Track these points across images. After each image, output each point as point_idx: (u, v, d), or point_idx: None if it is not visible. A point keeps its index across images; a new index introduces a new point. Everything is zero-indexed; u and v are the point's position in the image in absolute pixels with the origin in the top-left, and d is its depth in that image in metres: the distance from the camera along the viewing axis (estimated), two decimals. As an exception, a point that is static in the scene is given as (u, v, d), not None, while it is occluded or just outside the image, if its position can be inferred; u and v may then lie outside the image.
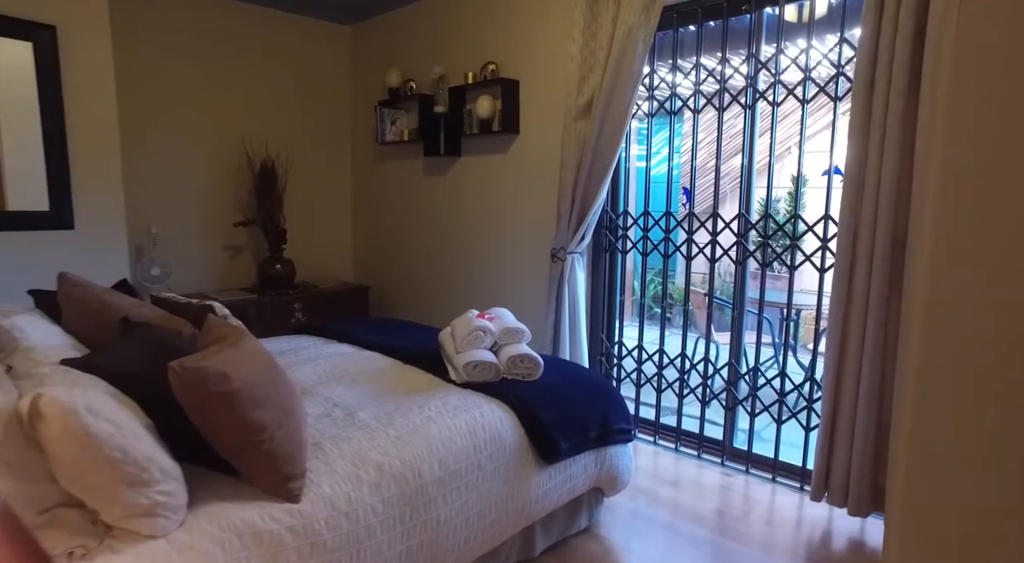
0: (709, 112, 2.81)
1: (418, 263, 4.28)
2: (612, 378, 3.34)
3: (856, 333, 2.24)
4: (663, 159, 5.33)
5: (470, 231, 3.89)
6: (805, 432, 2.62)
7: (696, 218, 2.89)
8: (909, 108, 2.06)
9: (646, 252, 3.10)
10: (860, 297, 2.22)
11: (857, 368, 2.25)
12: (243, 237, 4.14)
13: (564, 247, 3.13)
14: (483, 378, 2.11)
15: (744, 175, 2.71)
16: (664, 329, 3.11)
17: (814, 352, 2.59)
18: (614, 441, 2.17)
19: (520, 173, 3.54)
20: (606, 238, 3.24)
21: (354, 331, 2.74)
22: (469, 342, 2.17)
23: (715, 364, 2.91)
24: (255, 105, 4.11)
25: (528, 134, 3.48)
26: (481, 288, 3.87)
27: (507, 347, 2.19)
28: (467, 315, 2.33)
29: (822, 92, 2.49)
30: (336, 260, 4.72)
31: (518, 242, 3.60)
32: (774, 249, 2.65)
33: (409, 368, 2.31)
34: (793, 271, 2.60)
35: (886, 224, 2.13)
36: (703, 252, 2.89)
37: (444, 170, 4.00)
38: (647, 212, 3.06)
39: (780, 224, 2.62)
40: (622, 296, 3.29)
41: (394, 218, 4.42)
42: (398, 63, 4.14)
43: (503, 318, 2.32)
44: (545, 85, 3.33)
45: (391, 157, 4.36)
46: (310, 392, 2.02)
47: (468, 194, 3.87)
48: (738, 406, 2.87)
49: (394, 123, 4.19)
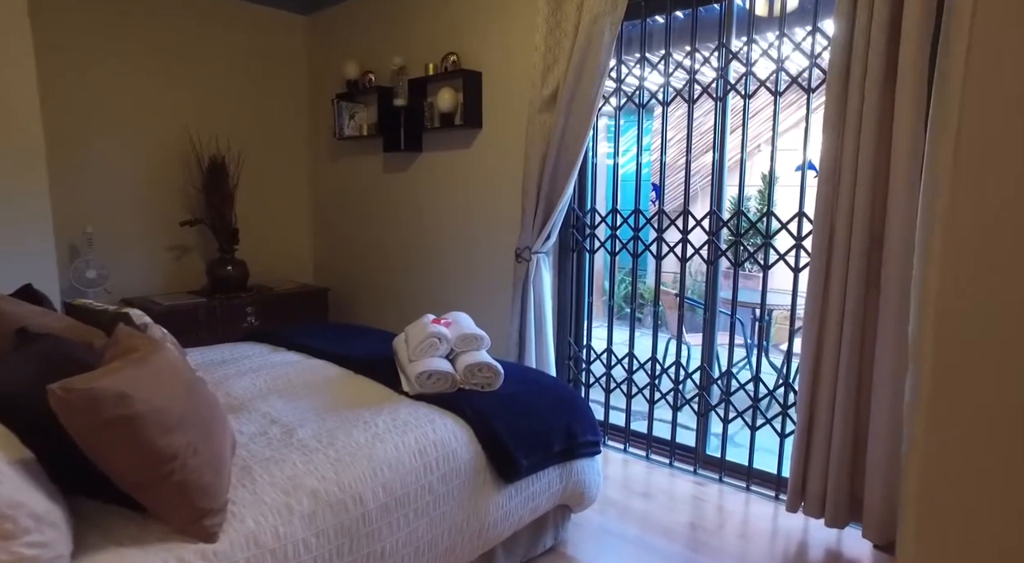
0: (679, 108, 2.69)
1: (379, 264, 4.09)
2: (580, 383, 3.21)
3: (832, 334, 2.13)
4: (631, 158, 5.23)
5: (432, 230, 3.72)
6: (780, 438, 2.51)
7: (666, 216, 2.76)
8: (886, 100, 1.96)
9: (615, 251, 2.97)
10: (836, 297, 2.11)
11: (833, 372, 2.14)
12: (192, 237, 3.90)
13: (529, 247, 2.98)
14: (438, 389, 1.94)
15: (715, 171, 2.60)
16: (634, 332, 2.99)
17: (788, 354, 2.48)
18: (581, 454, 2.03)
19: (484, 169, 3.38)
20: (573, 237, 3.10)
21: (304, 337, 2.55)
22: (423, 350, 2.00)
23: (687, 368, 2.79)
24: (203, 98, 3.87)
25: (492, 128, 3.32)
26: (443, 290, 3.70)
27: (464, 355, 2.03)
28: (422, 320, 2.16)
29: (795, 84, 2.38)
30: (294, 261, 4.50)
31: (482, 242, 3.44)
32: (747, 247, 2.54)
33: (359, 378, 2.14)
34: (766, 270, 2.49)
35: (863, 221, 2.03)
36: (673, 251, 2.77)
37: (405, 166, 3.82)
38: (615, 210, 2.93)
39: (753, 222, 2.50)
40: (590, 297, 3.15)
41: (354, 216, 4.22)
42: (356, 54, 3.95)
43: (461, 323, 2.16)
44: (509, 76, 3.18)
45: (350, 153, 4.16)
46: (246, 407, 1.83)
47: (429, 191, 3.70)
48: (710, 412, 2.76)
49: (353, 117, 3.99)
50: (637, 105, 2.83)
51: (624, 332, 5.79)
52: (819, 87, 2.29)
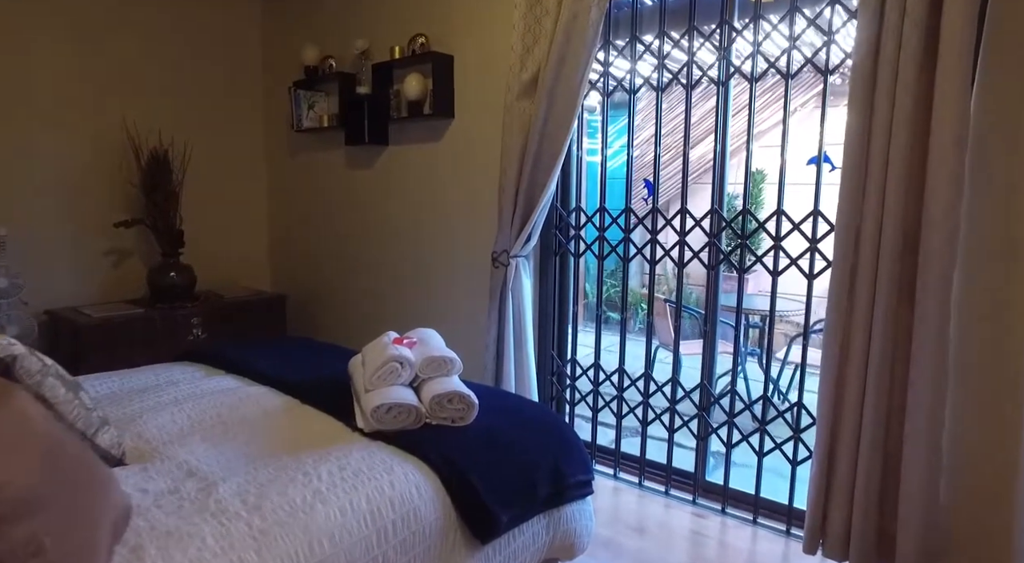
0: (672, 95, 2.39)
1: (342, 269, 3.73)
2: (565, 401, 2.89)
3: (858, 350, 1.85)
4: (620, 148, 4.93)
5: (399, 232, 3.37)
6: (791, 466, 2.23)
7: (661, 215, 2.46)
8: (924, 77, 1.67)
9: (602, 255, 2.66)
10: (863, 308, 1.83)
11: (859, 393, 1.86)
12: (131, 240, 3.50)
13: (507, 250, 2.65)
14: (399, 425, 1.61)
15: (717, 164, 2.30)
16: (624, 345, 2.68)
17: (802, 371, 2.20)
18: (571, 498, 1.71)
19: (456, 164, 3.05)
20: (556, 239, 2.78)
21: (247, 357, 2.20)
22: (382, 377, 1.67)
23: (684, 387, 2.49)
24: (142, 85, 3.47)
25: (465, 118, 2.99)
26: (413, 298, 3.36)
27: (431, 382, 1.70)
28: (382, 339, 1.82)
29: (810, 64, 2.09)
30: (250, 266, 4.11)
31: (455, 245, 3.10)
32: (753, 252, 2.25)
33: (307, 410, 1.79)
34: (776, 277, 2.21)
35: (895, 220, 1.75)
36: (669, 255, 2.47)
37: (369, 161, 3.47)
38: (603, 208, 2.62)
39: (761, 222, 2.21)
40: (575, 307, 2.84)
41: (315, 217, 3.85)
42: (316, 37, 3.58)
43: (428, 343, 1.83)
44: (484, 60, 2.85)
45: (310, 146, 3.79)
46: (159, 454, 1.47)
47: (397, 189, 3.35)
48: (711, 435, 2.47)
49: (312, 107, 3.62)
50: (628, 91, 2.52)
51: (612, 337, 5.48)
52: (839, 67, 2.01)
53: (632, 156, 2.55)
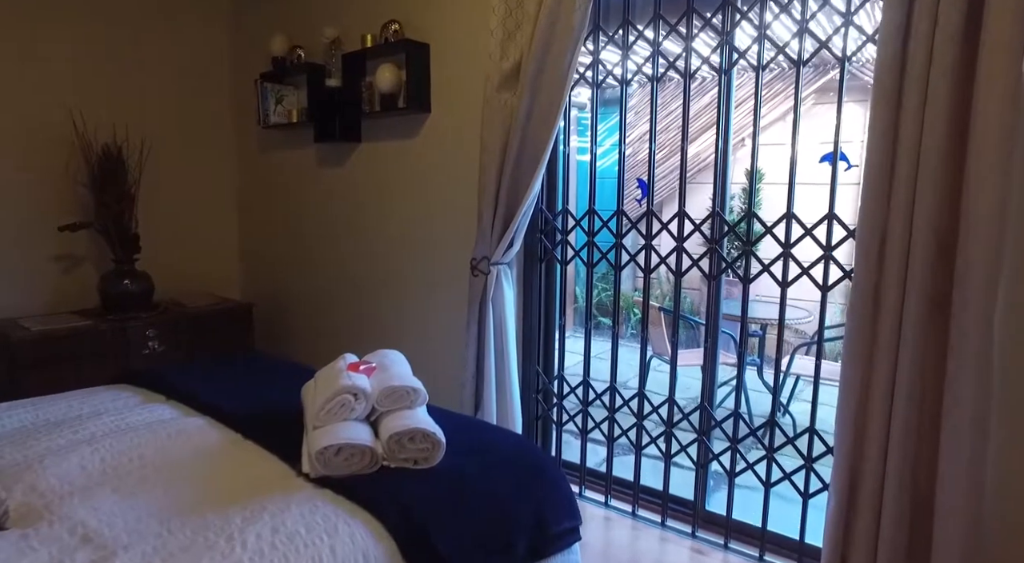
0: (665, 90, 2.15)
1: (313, 276, 3.47)
2: (551, 421, 2.65)
3: (883, 376, 1.61)
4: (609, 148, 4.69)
5: (373, 237, 3.12)
6: (803, 499, 1.99)
7: (656, 218, 2.23)
8: (965, 56, 1.44)
9: (591, 262, 2.42)
10: (890, 324, 1.59)
11: (884, 422, 1.63)
12: (82, 245, 3.22)
13: (487, 257, 2.41)
14: (350, 469, 1.36)
15: (718, 162, 2.07)
16: (616, 363, 2.44)
17: (814, 393, 1.97)
18: (555, 549, 1.47)
19: (433, 162, 2.80)
20: (541, 244, 2.54)
21: (190, 381, 1.94)
22: (332, 411, 1.42)
23: (682, 409, 2.25)
24: (93, 77, 3.20)
25: (442, 112, 2.74)
26: (387, 309, 3.10)
27: (391, 417, 1.45)
28: (336, 364, 1.57)
29: (824, 49, 1.86)
30: (218, 272, 3.83)
31: (433, 251, 2.85)
32: (760, 260, 2.01)
33: (248, 448, 1.54)
34: (785, 288, 1.97)
35: (927, 222, 1.51)
36: (666, 263, 2.23)
37: (341, 160, 3.21)
38: (592, 211, 2.38)
39: (769, 226, 1.98)
40: (562, 318, 2.60)
41: (285, 219, 3.59)
42: (284, 26, 3.32)
43: (389, 368, 1.58)
44: (463, 49, 2.61)
45: (279, 144, 3.53)
46: (52, 514, 1.21)
47: (370, 190, 3.10)
48: (713, 461, 2.23)
49: (280, 101, 3.36)
50: (619, 81, 2.28)
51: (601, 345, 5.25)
52: (856, 52, 1.78)
53: (624, 153, 2.31)
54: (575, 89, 2.33)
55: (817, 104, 4.50)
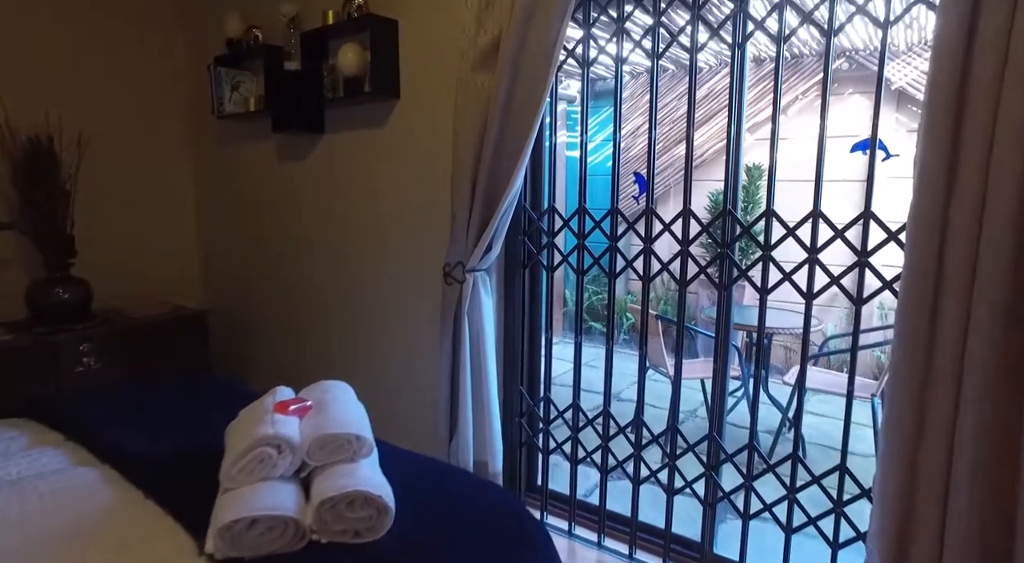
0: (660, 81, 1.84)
1: (276, 283, 3.13)
2: (537, 449, 2.33)
3: (943, 404, 1.31)
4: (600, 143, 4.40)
5: (337, 239, 2.79)
6: (832, 549, 1.69)
7: (657, 218, 1.92)
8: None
9: (581, 269, 2.11)
10: (951, 343, 1.29)
11: (944, 464, 1.33)
12: (8, 248, 2.86)
13: (462, 262, 2.09)
14: (270, 547, 1.04)
15: (731, 149, 1.76)
16: (610, 386, 2.12)
17: (846, 420, 1.66)
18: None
19: (403, 154, 2.48)
20: (524, 248, 2.22)
21: (96, 416, 1.60)
22: (247, 469, 1.09)
23: (687, 439, 1.94)
24: (17, 56, 2.84)
25: (413, 99, 2.42)
26: (354, 319, 2.78)
27: (326, 474, 1.13)
28: (262, 402, 1.25)
29: (862, 14, 1.55)
30: (175, 278, 3.48)
31: (404, 255, 2.53)
32: (780, 268, 1.71)
33: (147, 511, 1.21)
34: (811, 300, 1.67)
35: (1006, 218, 1.21)
36: (668, 270, 1.93)
37: (303, 153, 2.88)
38: (583, 209, 2.07)
39: (790, 228, 1.67)
40: (548, 332, 2.28)
41: (245, 219, 3.25)
42: (240, 3, 2.98)
43: (328, 408, 1.26)
44: (436, 25, 2.29)
45: (236, 135, 3.19)
46: None
47: (334, 186, 2.77)
48: (723, 501, 1.93)
49: (236, 88, 3.02)
50: (613, 59, 1.97)
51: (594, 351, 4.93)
52: (901, 17, 1.48)
53: (619, 141, 2.00)
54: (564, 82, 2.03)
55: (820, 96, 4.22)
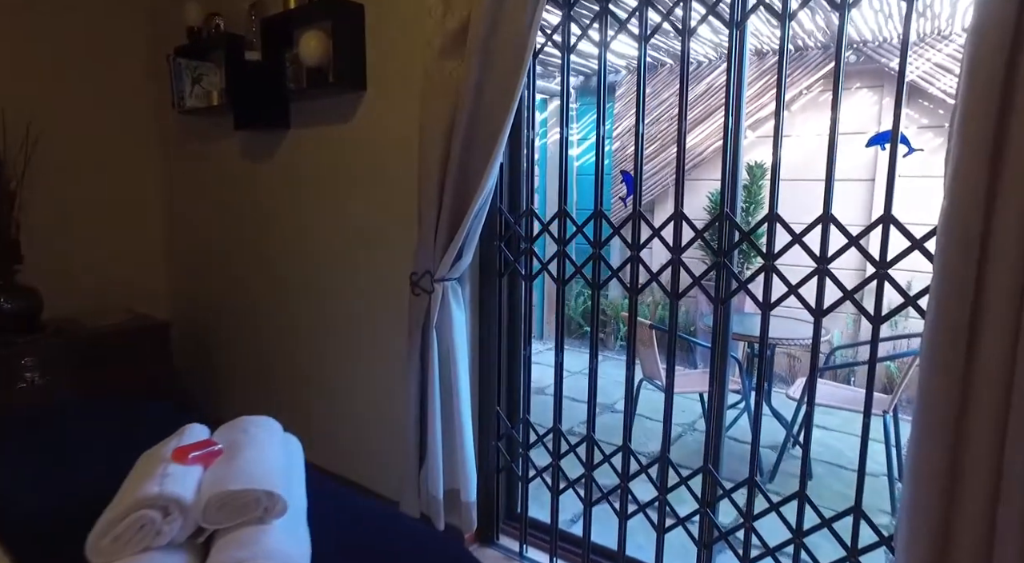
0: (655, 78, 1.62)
1: (244, 291, 2.92)
2: (516, 476, 2.12)
3: (983, 446, 1.10)
4: (587, 148, 4.16)
5: (304, 244, 2.58)
6: (846, 603, 1.48)
7: (646, 222, 1.70)
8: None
9: (563, 277, 1.89)
10: (992, 372, 1.08)
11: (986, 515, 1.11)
12: (-50, 253, 2.66)
13: (430, 271, 1.88)
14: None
15: (729, 145, 1.54)
16: (594, 404, 1.90)
17: (862, 457, 1.45)
18: None
19: (372, 151, 2.26)
20: (500, 255, 2.01)
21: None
22: (122, 540, 0.88)
23: (679, 471, 1.72)
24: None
25: (381, 91, 2.21)
26: (320, 332, 2.57)
27: (226, 540, 0.91)
28: (160, 448, 1.04)
29: None
30: (143, 285, 3.27)
31: (373, 261, 2.32)
32: (785, 280, 1.49)
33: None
34: (820, 317, 1.45)
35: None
36: (659, 281, 1.71)
37: (267, 151, 2.67)
38: (564, 212, 1.86)
39: (797, 235, 1.45)
40: (527, 348, 2.07)
41: (211, 222, 3.04)
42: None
43: (239, 455, 1.04)
44: (404, 10, 2.07)
45: (199, 132, 2.98)
46: None
47: (301, 186, 2.56)
48: (721, 541, 1.71)
49: (198, 81, 2.81)
50: (598, 44, 1.76)
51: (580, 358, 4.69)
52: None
53: (603, 135, 1.78)
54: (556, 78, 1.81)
55: (826, 91, 4.00)
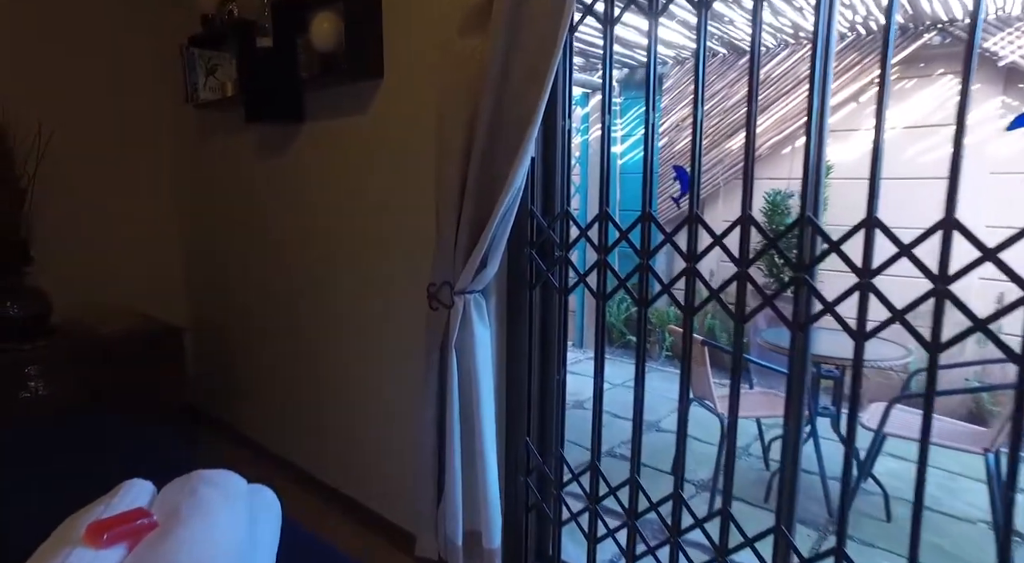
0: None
1: (258, 296, 2.74)
2: (548, 519, 1.84)
3: None
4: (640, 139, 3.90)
5: (319, 246, 2.37)
6: None
7: (704, 226, 1.40)
8: None
9: (604, 292, 1.61)
10: None
11: None
12: (-42, 255, 2.55)
13: (450, 282, 1.63)
14: None
15: (812, 133, 1.23)
16: (639, 445, 1.61)
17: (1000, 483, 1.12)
18: None
19: (389, 146, 2.03)
20: (532, 264, 1.74)
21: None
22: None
23: (744, 532, 1.42)
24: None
25: (400, 78, 1.96)
26: (334, 344, 2.35)
27: None
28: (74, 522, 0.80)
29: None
30: (159, 288, 3.14)
31: (390, 270, 2.09)
32: (888, 302, 1.17)
33: None
34: (939, 352, 1.13)
35: None
36: (719, 298, 1.41)
37: (281, 146, 2.47)
38: (605, 215, 1.57)
39: (905, 246, 1.13)
40: (561, 371, 1.79)
41: (227, 223, 2.86)
42: (216, -24, 2.59)
43: (174, 533, 0.80)
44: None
45: (214, 126, 2.81)
46: None
47: (314, 186, 2.34)
48: (794, 618, 1.40)
49: (213, 73, 2.64)
50: (647, 12, 1.47)
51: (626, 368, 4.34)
52: None
53: (654, 122, 1.49)
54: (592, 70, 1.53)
55: (903, 78, 3.59)
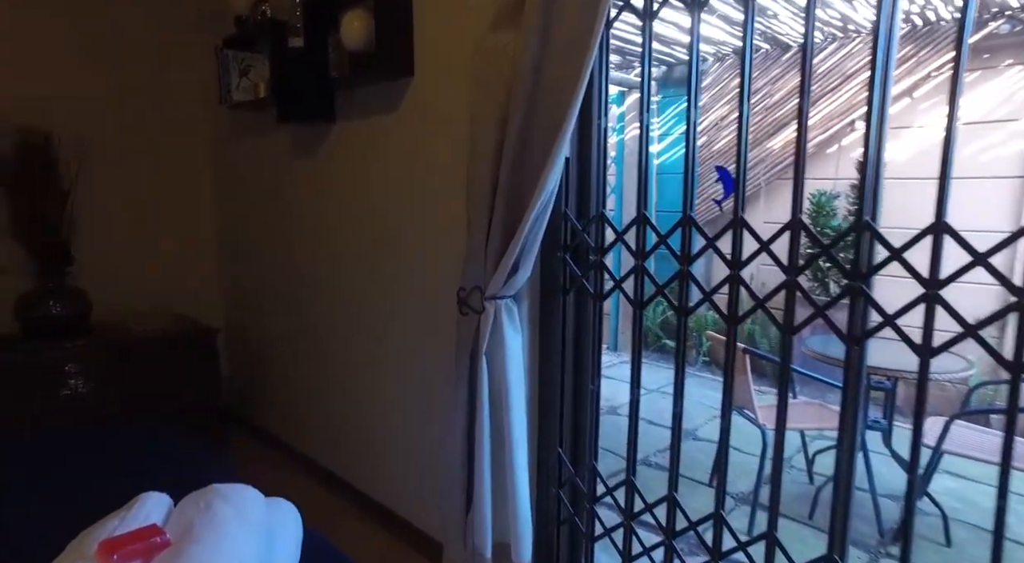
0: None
1: (290, 299, 2.74)
2: (581, 533, 1.77)
3: None
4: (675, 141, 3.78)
5: (350, 250, 2.34)
6: None
7: (750, 230, 1.31)
8: None
9: (641, 299, 1.53)
10: None
11: None
12: (2, 254, 2.61)
13: (480, 287, 1.57)
14: None
15: (872, 125, 1.14)
16: (677, 460, 1.53)
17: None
18: None
19: (420, 146, 1.98)
20: (565, 269, 1.67)
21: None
22: None
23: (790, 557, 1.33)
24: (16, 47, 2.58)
25: (431, 75, 1.92)
26: (364, 346, 2.32)
27: None
28: (85, 539, 0.77)
29: None
30: (196, 289, 3.17)
31: (422, 273, 2.04)
32: (957, 315, 1.07)
33: None
34: (1019, 371, 1.02)
35: None
36: (765, 308, 1.32)
37: (312, 147, 2.45)
38: (643, 218, 1.49)
39: (980, 254, 1.02)
40: (596, 381, 1.71)
41: (262, 225, 2.87)
42: (250, -23, 2.59)
43: (188, 551, 0.76)
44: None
45: (248, 127, 2.82)
46: None
47: (344, 185, 2.32)
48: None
49: (246, 74, 2.64)
50: (688, 3, 1.39)
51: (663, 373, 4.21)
52: None
53: (694, 119, 1.40)
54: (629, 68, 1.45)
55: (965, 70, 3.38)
